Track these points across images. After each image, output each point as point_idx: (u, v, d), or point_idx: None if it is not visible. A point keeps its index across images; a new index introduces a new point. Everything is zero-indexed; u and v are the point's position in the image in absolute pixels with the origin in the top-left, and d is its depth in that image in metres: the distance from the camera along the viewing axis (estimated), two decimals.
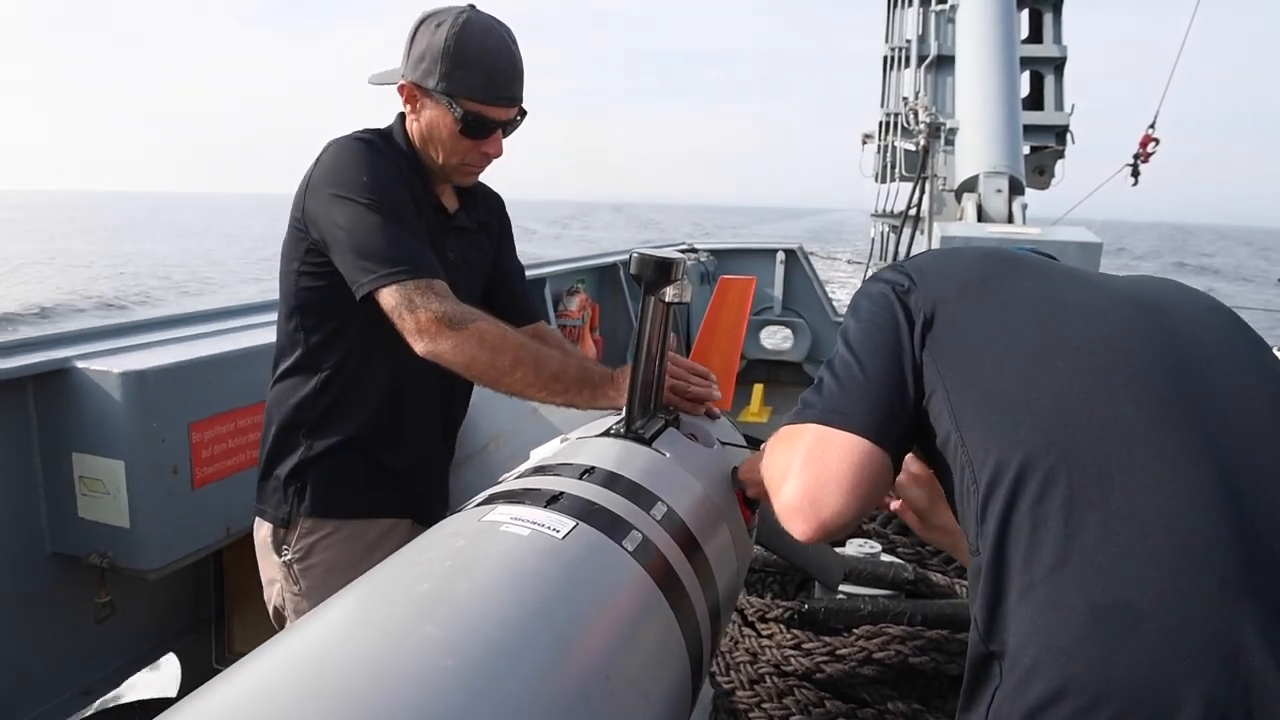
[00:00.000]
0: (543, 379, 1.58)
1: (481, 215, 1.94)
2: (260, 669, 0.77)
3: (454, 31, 1.63)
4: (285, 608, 1.83)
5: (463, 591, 0.87)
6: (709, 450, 1.57)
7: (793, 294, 7.66)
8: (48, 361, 2.36)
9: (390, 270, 1.56)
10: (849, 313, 1.21)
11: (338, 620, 0.85)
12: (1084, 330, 1.04)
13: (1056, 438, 0.96)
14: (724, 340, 2.06)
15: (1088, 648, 0.89)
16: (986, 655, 0.98)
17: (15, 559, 2.38)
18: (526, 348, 1.59)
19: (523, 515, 1.04)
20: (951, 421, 1.04)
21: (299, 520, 1.77)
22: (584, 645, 0.88)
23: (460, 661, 0.76)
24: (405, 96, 1.73)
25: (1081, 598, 0.90)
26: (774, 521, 1.72)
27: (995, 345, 1.05)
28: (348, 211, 1.60)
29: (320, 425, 1.77)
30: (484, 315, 1.60)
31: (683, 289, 1.42)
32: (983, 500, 0.99)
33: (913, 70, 7.38)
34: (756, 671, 2.29)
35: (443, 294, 1.58)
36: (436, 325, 1.54)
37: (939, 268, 1.18)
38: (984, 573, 0.98)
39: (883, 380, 1.09)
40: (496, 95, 1.69)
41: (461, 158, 1.75)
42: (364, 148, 1.68)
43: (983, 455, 1.00)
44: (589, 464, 1.24)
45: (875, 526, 3.05)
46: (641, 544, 1.08)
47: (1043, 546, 0.94)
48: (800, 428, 1.10)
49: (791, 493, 1.06)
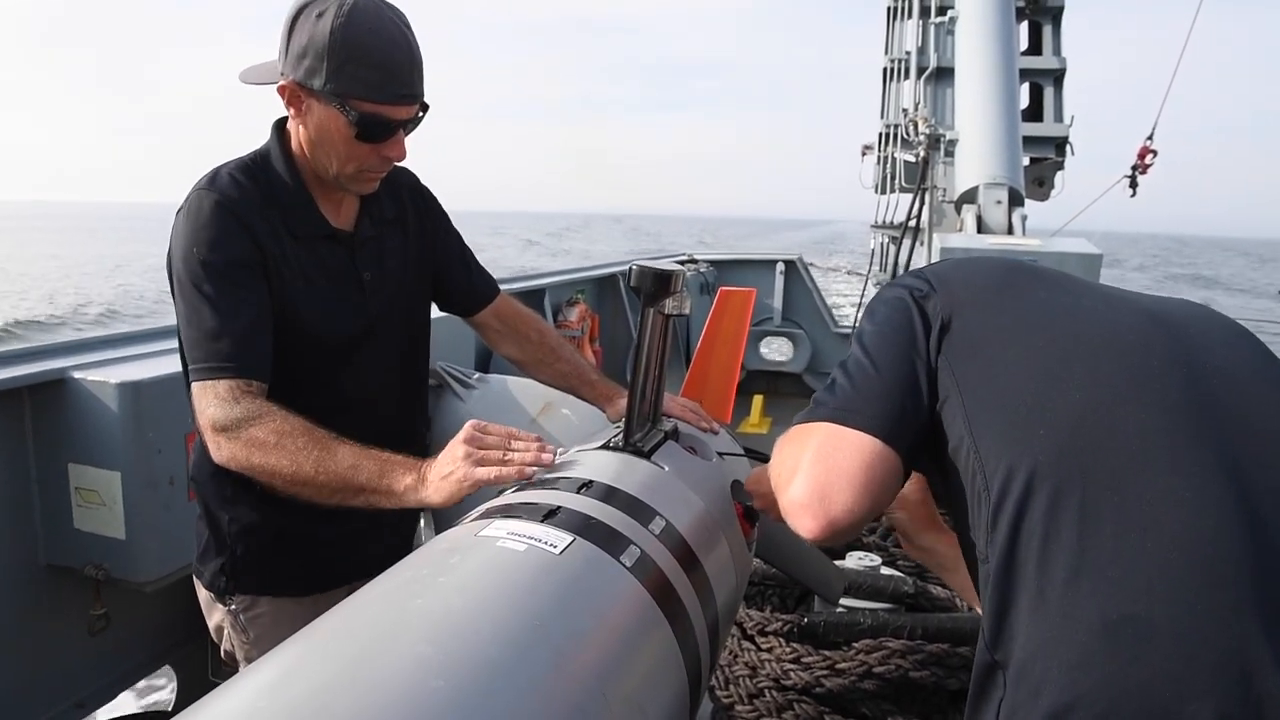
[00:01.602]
0: (326, 480, 1.36)
1: (388, 210, 1.73)
2: (246, 691, 0.75)
3: (339, 21, 1.41)
4: (236, 653, 1.74)
5: (457, 608, 0.86)
6: (708, 463, 1.56)
7: (792, 305, 7.66)
8: (44, 372, 2.35)
9: (193, 365, 1.47)
10: (865, 316, 1.22)
11: (327, 639, 0.84)
12: (1100, 340, 1.04)
13: (1071, 447, 0.96)
14: (724, 352, 2.05)
15: (1100, 662, 0.88)
16: (992, 665, 0.98)
17: (10, 570, 2.36)
18: (307, 451, 1.37)
19: (519, 530, 1.03)
20: (965, 427, 1.04)
21: (234, 596, 1.69)
22: (580, 662, 0.86)
23: (452, 683, 0.74)
24: (287, 99, 1.51)
25: (1094, 610, 0.90)
26: (774, 534, 1.72)
27: (1011, 352, 1.05)
28: (178, 291, 1.50)
29: (239, 495, 1.63)
30: (266, 415, 1.41)
31: (682, 301, 1.41)
32: (994, 507, 0.99)
33: (912, 82, 7.39)
34: (756, 685, 2.27)
35: (223, 397, 1.42)
36: (212, 433, 1.42)
37: (959, 275, 1.18)
38: (993, 581, 0.98)
39: (896, 382, 1.09)
40: (394, 93, 1.47)
41: (359, 165, 1.54)
42: (207, 212, 1.49)
43: (995, 462, 1.00)
44: (587, 478, 1.23)
45: (875, 539, 3.04)
46: (640, 559, 1.07)
47: (1055, 557, 0.93)
48: (811, 426, 1.10)
49: (800, 489, 1.05)
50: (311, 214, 1.61)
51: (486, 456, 1.30)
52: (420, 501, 1.32)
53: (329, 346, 1.62)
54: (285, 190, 1.58)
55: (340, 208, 1.66)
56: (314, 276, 1.60)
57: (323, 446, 1.37)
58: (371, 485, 1.35)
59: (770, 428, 6.64)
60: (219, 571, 1.68)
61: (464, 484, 1.28)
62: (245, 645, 1.71)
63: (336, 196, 1.65)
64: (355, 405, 1.65)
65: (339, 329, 1.63)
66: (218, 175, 1.55)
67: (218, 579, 1.68)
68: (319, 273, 1.61)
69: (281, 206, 1.57)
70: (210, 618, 1.76)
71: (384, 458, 1.37)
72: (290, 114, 1.54)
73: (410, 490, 1.33)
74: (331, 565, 1.73)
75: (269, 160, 1.60)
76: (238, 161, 1.59)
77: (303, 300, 1.58)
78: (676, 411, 1.70)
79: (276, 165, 1.59)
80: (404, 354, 1.79)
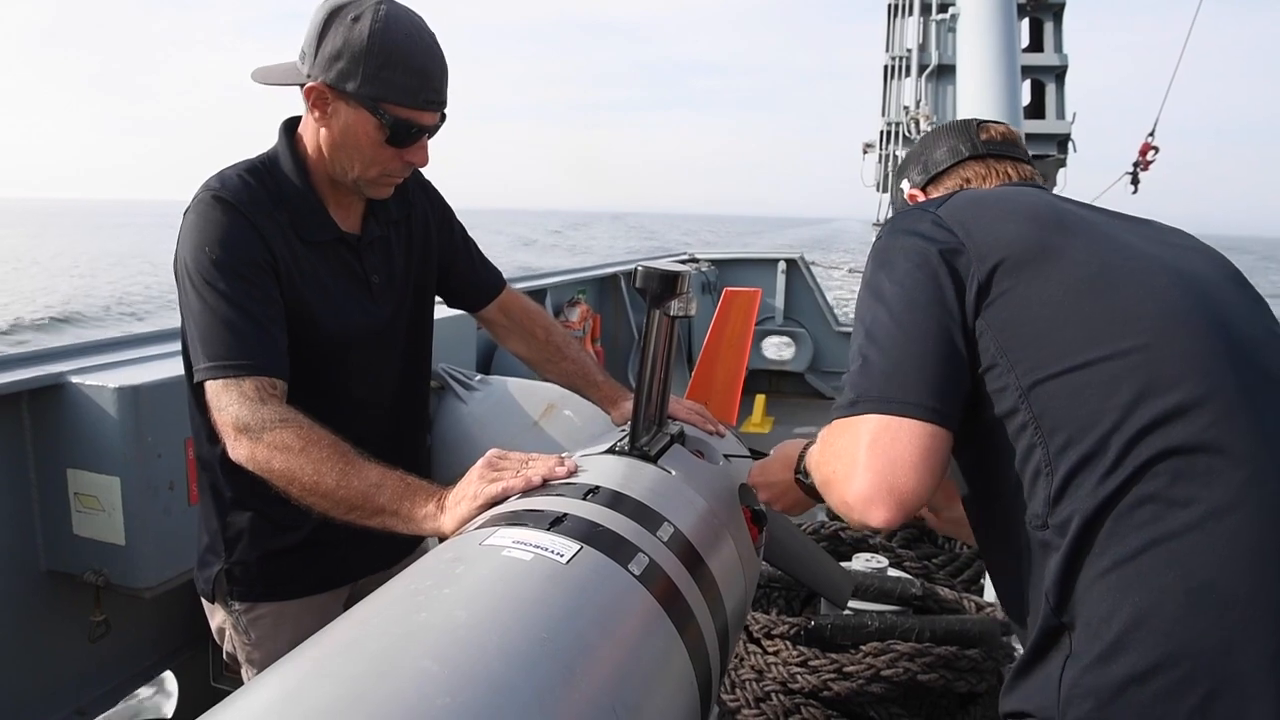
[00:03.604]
0: (346, 494, 1.33)
1: (393, 211, 1.72)
2: (250, 709, 0.73)
3: (378, 26, 1.43)
4: (238, 655, 1.72)
5: (462, 621, 0.83)
6: (715, 467, 1.53)
7: (794, 304, 7.64)
8: (42, 376, 2.32)
9: (207, 364, 1.43)
10: (880, 268, 1.18)
11: (331, 655, 0.82)
12: (1151, 309, 1.06)
13: (1141, 421, 0.99)
14: (729, 353, 2.03)
15: (1182, 626, 0.93)
16: (1057, 627, 1.01)
17: (9, 577, 2.34)
18: (331, 463, 1.34)
19: (525, 539, 1.00)
20: (1019, 398, 1.06)
21: (235, 598, 1.66)
22: (589, 676, 0.84)
23: (459, 700, 0.72)
24: (312, 101, 1.50)
25: (1176, 576, 0.94)
26: (781, 538, 1.70)
27: (1067, 324, 1.07)
28: (190, 291, 1.47)
29: (242, 497, 1.61)
30: (293, 420, 1.38)
31: (688, 303, 1.39)
32: (1063, 478, 1.02)
33: (913, 79, 7.37)
34: (762, 689, 2.25)
35: (248, 396, 1.40)
36: (234, 431, 1.39)
37: (986, 227, 1.15)
38: (1064, 548, 1.01)
39: (937, 357, 1.08)
40: (426, 99, 1.50)
41: (382, 168, 1.55)
42: (218, 212, 1.48)
43: (1064, 436, 1.02)
44: (593, 483, 1.21)
45: (881, 540, 3.02)
46: (648, 567, 1.05)
47: (1134, 524, 0.97)
48: (858, 420, 1.08)
49: (864, 484, 1.05)
50: (320, 217, 1.59)
51: (500, 478, 1.27)
52: (436, 530, 1.29)
53: (334, 349, 1.60)
54: (294, 193, 1.57)
55: (347, 211, 1.65)
56: (323, 280, 1.59)
57: (348, 461, 1.35)
58: (391, 508, 1.32)
59: (773, 428, 6.61)
60: (220, 573, 1.66)
61: (475, 502, 1.25)
62: (247, 647, 1.69)
63: (345, 200, 1.64)
64: (356, 407, 1.62)
65: (347, 333, 1.61)
66: (225, 177, 1.53)
67: (219, 581, 1.66)
68: (328, 276, 1.60)
69: (290, 209, 1.56)
70: (212, 620, 1.74)
71: (407, 481, 1.35)
72: (313, 116, 1.53)
73: (429, 519, 1.30)
74: (333, 566, 1.71)
75: (277, 163, 1.59)
76: (245, 164, 1.58)
77: (311, 303, 1.56)
78: (682, 414, 1.68)
79: (285, 168, 1.58)
80: (408, 356, 1.77)
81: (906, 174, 1.52)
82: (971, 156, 1.43)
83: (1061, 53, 7.37)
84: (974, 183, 1.42)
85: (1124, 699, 0.94)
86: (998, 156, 1.42)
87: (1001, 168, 1.41)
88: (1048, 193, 1.31)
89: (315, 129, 1.55)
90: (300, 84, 1.51)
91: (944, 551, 3.13)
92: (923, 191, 1.47)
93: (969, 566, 3.04)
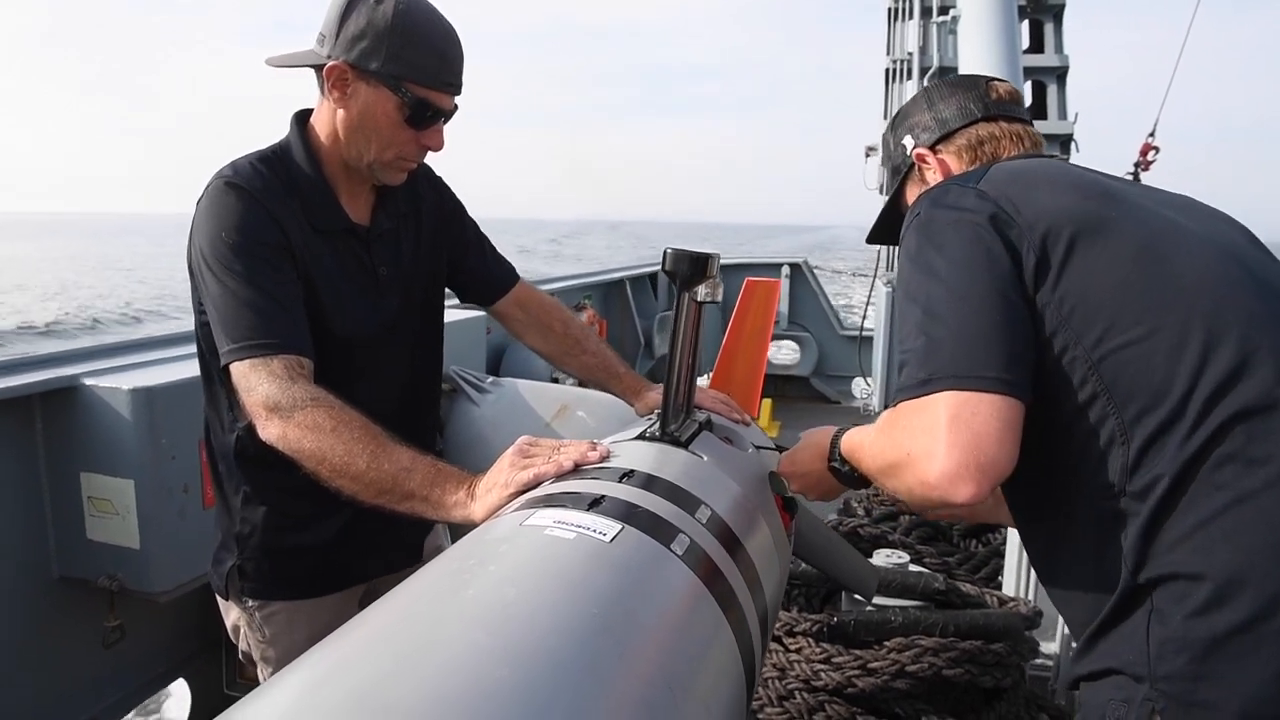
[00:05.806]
0: (377, 477, 1.31)
1: (403, 204, 1.72)
2: (304, 680, 0.71)
3: (401, 8, 1.46)
4: (252, 653, 1.71)
5: (511, 598, 0.81)
6: (745, 454, 1.52)
7: (799, 308, 7.64)
8: (55, 379, 2.31)
9: (233, 345, 1.41)
10: (926, 244, 1.17)
11: (380, 629, 0.79)
12: (1204, 275, 1.09)
13: (1220, 379, 1.03)
14: (750, 345, 2.01)
15: (1273, 579, 0.97)
16: (1135, 589, 1.05)
17: (22, 583, 2.32)
18: (363, 445, 1.33)
19: (566, 519, 0.98)
20: (1088, 369, 1.07)
21: (250, 595, 1.65)
22: (643, 654, 0.82)
23: (517, 673, 0.70)
24: (333, 81, 1.50)
25: (1264, 530, 0.99)
26: (807, 531, 1.68)
27: (1129, 293, 1.08)
28: (209, 275, 1.46)
29: (258, 492, 1.61)
30: (325, 400, 1.37)
31: (715, 288, 1.38)
32: (1141, 445, 1.05)
33: (914, 82, 7.37)
34: (785, 687, 2.22)
35: (278, 374, 1.38)
36: (264, 411, 1.37)
37: (1034, 200, 1.16)
38: (1145, 512, 1.04)
39: (1005, 328, 1.08)
40: (446, 80, 1.52)
41: (399, 150, 1.55)
42: (232, 198, 1.48)
43: (1138, 404, 1.05)
44: (627, 467, 1.19)
45: (900, 536, 3.00)
46: (690, 548, 1.03)
47: (1216, 484, 1.01)
48: (933, 399, 1.07)
49: (950, 462, 1.04)
50: (331, 206, 1.59)
51: (531, 464, 1.26)
52: (466, 518, 1.27)
53: (343, 341, 1.59)
54: (306, 181, 1.57)
55: (358, 202, 1.65)
56: (332, 270, 1.58)
57: (379, 443, 1.34)
58: (421, 493, 1.31)
59: (779, 432, 6.60)
60: (233, 569, 1.65)
61: (507, 490, 1.23)
62: (261, 645, 1.68)
63: (356, 190, 1.63)
64: (365, 404, 1.61)
65: (355, 324, 1.60)
66: (238, 165, 1.53)
67: (232, 577, 1.65)
68: (337, 267, 1.59)
69: (302, 197, 1.55)
70: (227, 617, 1.73)
71: (438, 467, 1.33)
72: (332, 98, 1.53)
73: (459, 505, 1.28)
74: (348, 564, 1.70)
75: (289, 152, 1.59)
76: (257, 153, 1.58)
77: (322, 293, 1.55)
78: (708, 403, 1.67)
79: (297, 157, 1.58)
80: (417, 351, 1.76)
81: (911, 131, 1.49)
82: (985, 117, 1.41)
83: (1062, 53, 7.38)
84: (987, 145, 1.41)
85: (1221, 651, 0.98)
86: (1008, 118, 1.42)
87: (1013, 129, 1.41)
88: (1076, 165, 1.32)
89: (331, 112, 1.55)
90: (319, 65, 1.51)
91: (960, 550, 3.11)
92: (930, 150, 1.45)
93: (986, 564, 3.02)
